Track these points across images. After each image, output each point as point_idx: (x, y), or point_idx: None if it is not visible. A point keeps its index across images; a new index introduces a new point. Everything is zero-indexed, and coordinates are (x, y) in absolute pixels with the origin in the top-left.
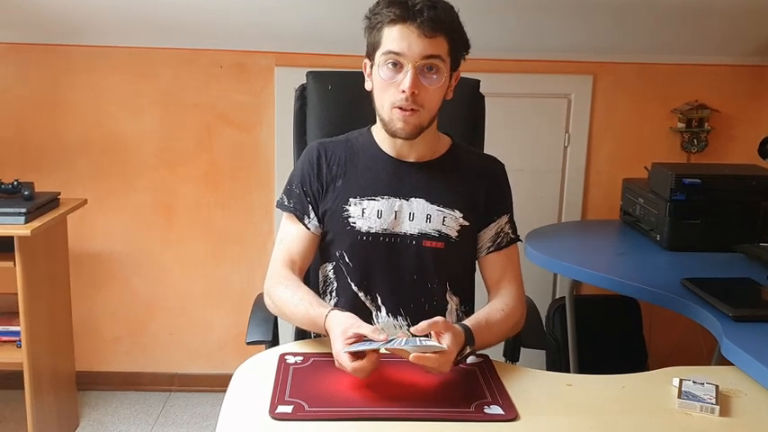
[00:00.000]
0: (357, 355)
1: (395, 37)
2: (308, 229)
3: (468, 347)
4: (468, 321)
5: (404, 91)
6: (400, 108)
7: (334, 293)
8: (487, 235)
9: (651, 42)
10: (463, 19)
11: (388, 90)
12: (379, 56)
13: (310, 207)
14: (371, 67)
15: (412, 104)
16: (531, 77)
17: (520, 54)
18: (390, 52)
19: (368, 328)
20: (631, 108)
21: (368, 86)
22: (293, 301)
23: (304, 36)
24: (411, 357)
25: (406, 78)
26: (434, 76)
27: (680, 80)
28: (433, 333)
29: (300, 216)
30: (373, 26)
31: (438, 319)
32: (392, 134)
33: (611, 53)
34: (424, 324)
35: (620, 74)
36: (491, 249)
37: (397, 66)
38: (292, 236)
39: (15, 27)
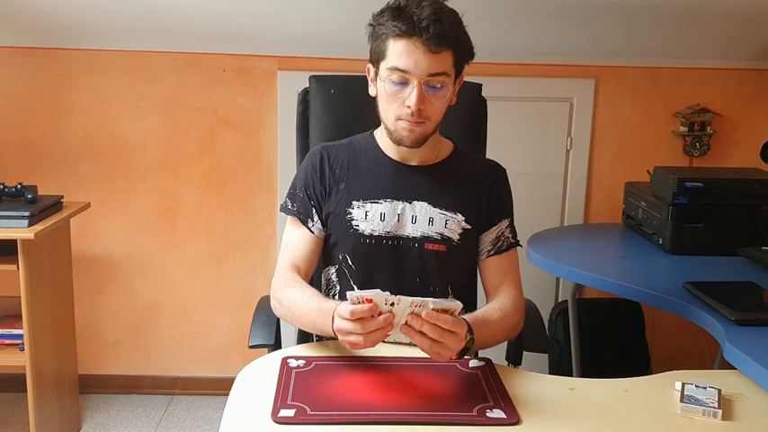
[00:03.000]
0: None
1: (400, 52)
2: (312, 232)
3: (468, 335)
4: (464, 317)
5: (409, 106)
6: (406, 120)
7: (336, 297)
8: (488, 238)
9: (653, 46)
10: (466, 23)
11: (394, 103)
12: (383, 69)
13: (314, 210)
14: (375, 73)
15: (417, 118)
16: (534, 81)
17: (522, 58)
18: (396, 69)
19: (373, 291)
20: (634, 111)
21: (372, 92)
22: (303, 299)
23: (306, 40)
24: (425, 314)
25: (411, 95)
26: (440, 91)
27: (682, 84)
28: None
29: (304, 219)
30: (378, 36)
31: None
32: (397, 143)
33: (614, 57)
34: (429, 303)
35: (623, 77)
36: (491, 253)
37: (403, 81)
38: (296, 240)
39: (19, 31)
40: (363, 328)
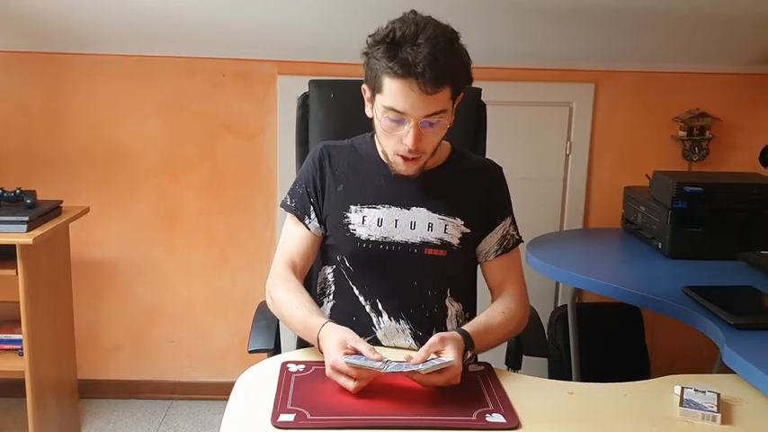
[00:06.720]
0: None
1: (396, 93)
2: (309, 229)
3: (468, 352)
4: (466, 327)
5: (406, 144)
6: (403, 156)
7: (331, 296)
8: (494, 239)
9: (653, 51)
10: (465, 27)
11: (391, 139)
12: (379, 104)
13: (311, 207)
14: (372, 94)
15: (414, 154)
16: (533, 86)
17: (522, 62)
18: (392, 109)
19: (365, 345)
20: (633, 116)
21: (368, 113)
22: (292, 305)
23: (306, 44)
24: (416, 378)
25: (408, 135)
26: (437, 125)
27: (681, 88)
28: (433, 354)
29: (301, 216)
30: (371, 68)
31: (432, 340)
32: (395, 173)
33: (613, 61)
34: (421, 353)
35: (622, 82)
36: (499, 252)
37: (399, 119)
38: (293, 237)
39: (18, 35)
40: (358, 377)
